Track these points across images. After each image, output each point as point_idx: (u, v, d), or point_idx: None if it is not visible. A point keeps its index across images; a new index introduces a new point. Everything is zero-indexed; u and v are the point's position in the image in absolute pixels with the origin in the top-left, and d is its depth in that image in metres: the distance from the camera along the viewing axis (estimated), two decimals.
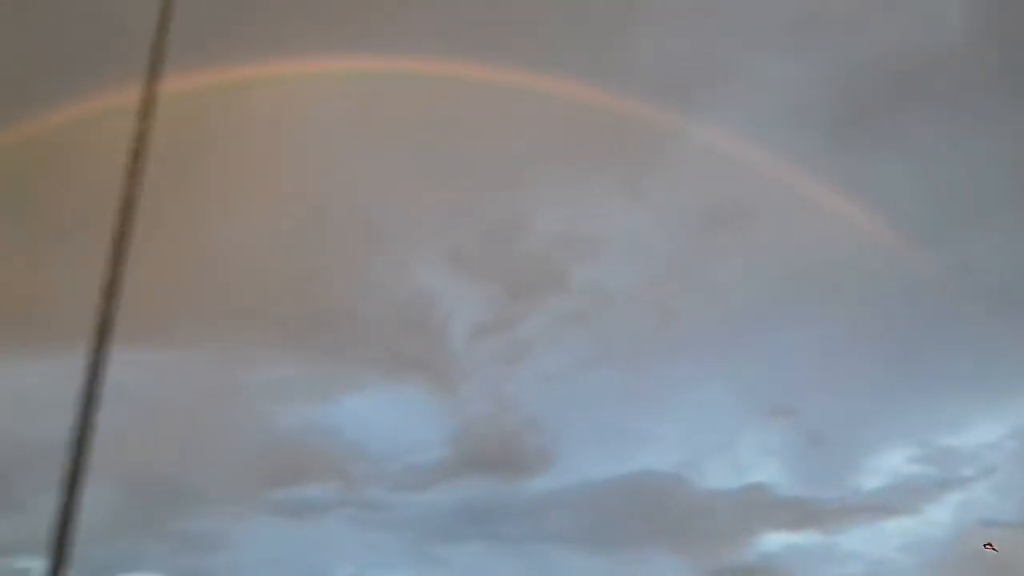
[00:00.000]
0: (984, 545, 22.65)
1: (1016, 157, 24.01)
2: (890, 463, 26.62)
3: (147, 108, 7.03)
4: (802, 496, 26.88)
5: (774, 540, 27.15)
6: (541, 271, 29.97)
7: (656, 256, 29.12)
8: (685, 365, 29.96)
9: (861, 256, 24.93)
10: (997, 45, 23.27)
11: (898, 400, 25.84)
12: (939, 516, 25.87)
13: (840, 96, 24.08)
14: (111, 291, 6.22)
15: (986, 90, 23.91)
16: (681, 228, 28.01)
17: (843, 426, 26.26)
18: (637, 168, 27.00)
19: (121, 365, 6.25)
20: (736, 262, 27.29)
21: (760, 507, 27.14)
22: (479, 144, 26.26)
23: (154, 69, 7.17)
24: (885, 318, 25.67)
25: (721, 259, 27.53)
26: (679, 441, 31.80)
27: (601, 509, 30.13)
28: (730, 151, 24.40)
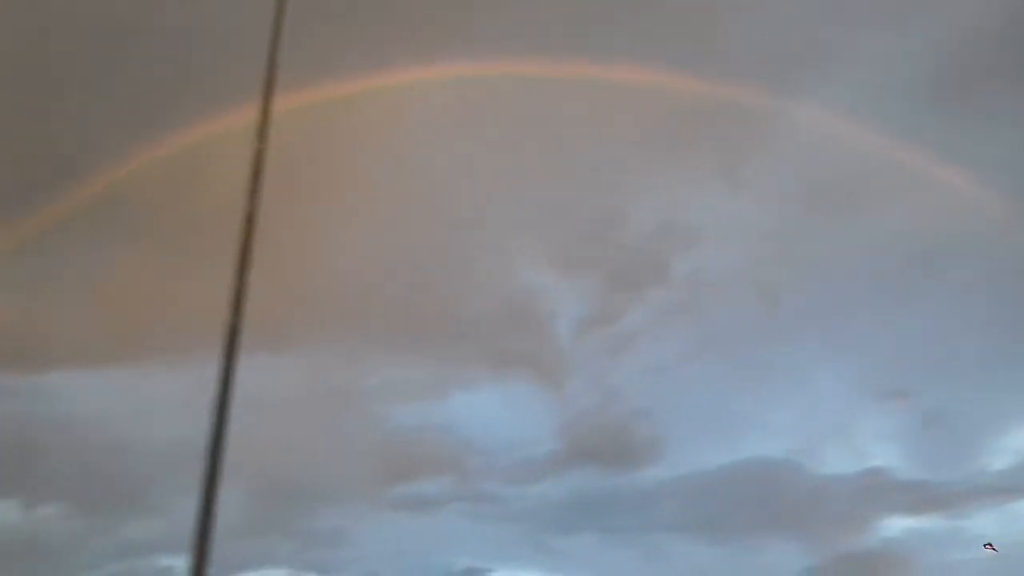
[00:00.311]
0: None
1: None
2: (1018, 443, 25.54)
3: (263, 126, 7.48)
4: (923, 479, 26.00)
5: (895, 525, 26.37)
6: (642, 263, 29.88)
7: (759, 241, 28.63)
8: (793, 350, 29.35)
9: (973, 231, 23.94)
10: None
11: (1020, 377, 24.74)
12: None
13: (946, 68, 23.17)
14: (238, 301, 6.57)
15: None
16: (784, 211, 27.46)
17: (963, 406, 25.24)
18: (736, 153, 26.62)
19: (248, 371, 6.56)
20: (842, 242, 26.59)
21: (879, 491, 26.40)
22: (576, 140, 26.41)
23: (268, 89, 7.62)
24: (1000, 292, 24.60)
25: (827, 240, 26.87)
26: (791, 427, 31.16)
27: (714, 497, 29.85)
28: (833, 129, 23.79)
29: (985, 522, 24.88)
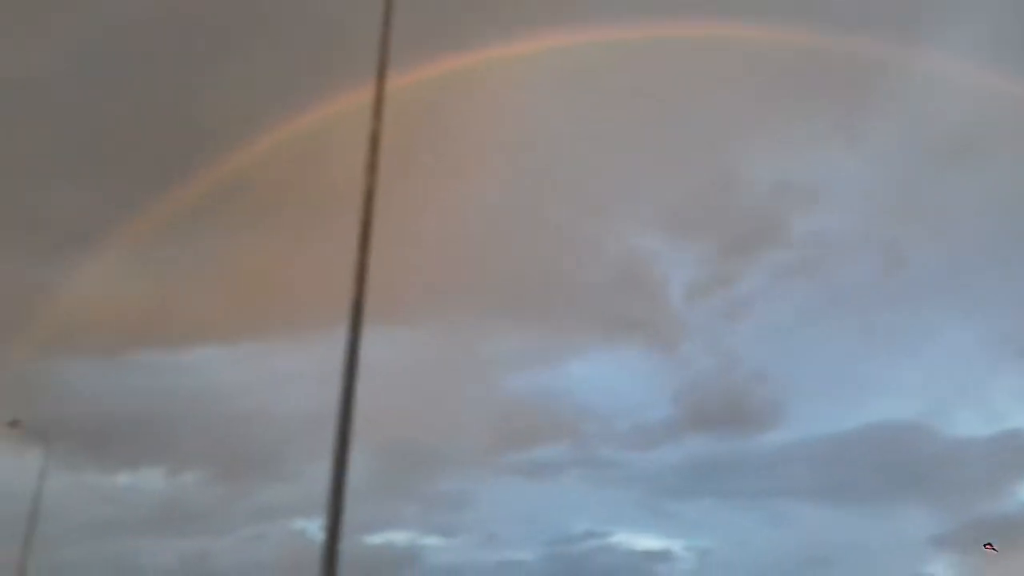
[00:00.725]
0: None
1: None
2: None
3: (379, 105, 7.65)
4: None
5: None
6: (758, 224, 29.14)
7: (880, 198, 27.50)
8: (921, 309, 28.15)
9: None
10: None
11: None
12: None
13: None
14: (361, 276, 6.74)
15: None
16: (907, 165, 26.24)
17: None
18: (854, 107, 25.56)
19: (372, 343, 6.73)
20: (971, 195, 25.24)
21: (1016, 454, 25.20)
22: (688, 102, 25.86)
23: (381, 69, 7.80)
24: None
25: (954, 193, 25.54)
26: (920, 389, 29.96)
27: (838, 462, 29.08)
28: (957, 77, 22.50)
29: None
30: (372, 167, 7.26)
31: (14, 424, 18.75)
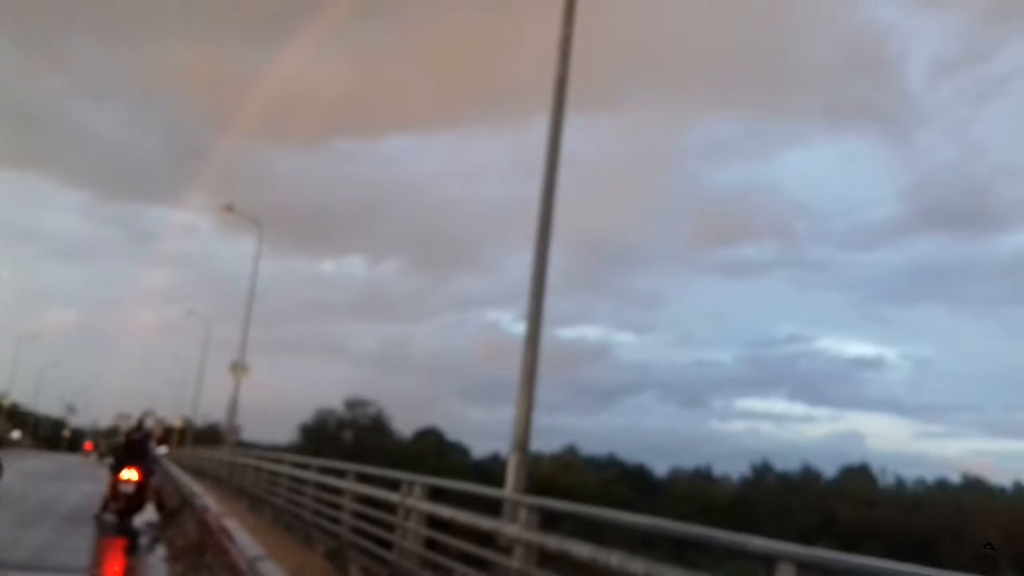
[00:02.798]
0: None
1: None
2: None
3: None
4: None
5: None
6: None
7: None
8: None
9: None
10: None
11: None
12: None
13: None
14: (565, 49, 6.08)
15: None
16: None
17: None
18: None
19: (571, 131, 6.24)
20: None
21: None
22: None
23: None
24: None
25: None
26: None
27: None
28: None
29: None
30: None
31: (228, 208, 19.77)
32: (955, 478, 34.77)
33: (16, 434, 42.92)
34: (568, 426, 59.16)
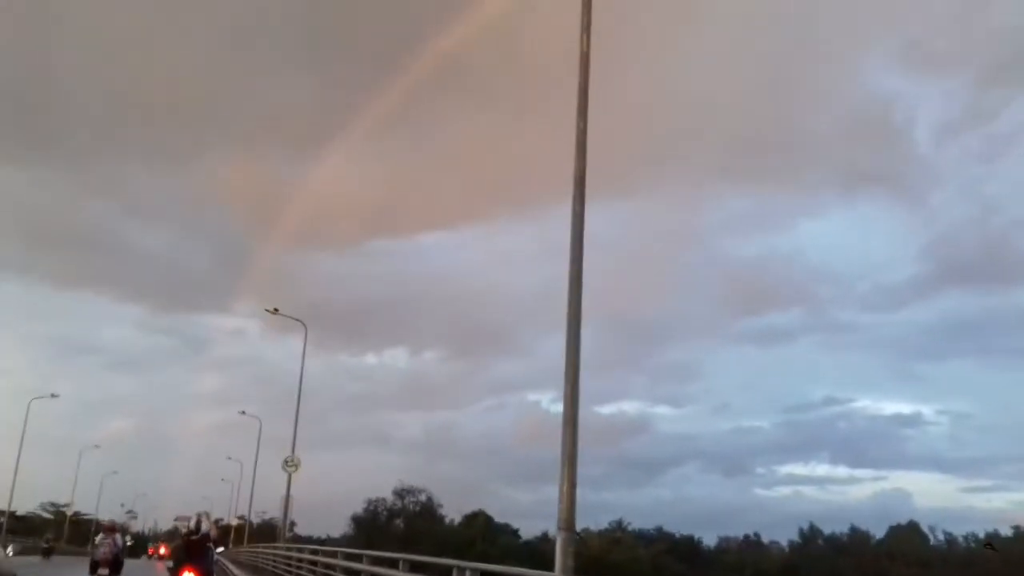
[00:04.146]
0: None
1: None
2: None
3: None
4: None
5: None
6: (1020, 47, 25.22)
7: None
8: None
9: None
10: None
11: None
12: None
13: None
14: (582, 144, 6.39)
15: None
16: None
17: None
18: None
19: (595, 216, 6.59)
20: None
21: None
22: None
23: None
24: None
25: None
26: None
27: None
28: None
29: None
30: (586, 28, 6.82)
31: (275, 311, 20.52)
32: (1006, 531, 33.81)
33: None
34: (614, 502, 58.72)
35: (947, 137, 53.93)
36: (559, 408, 5.77)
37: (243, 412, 32.91)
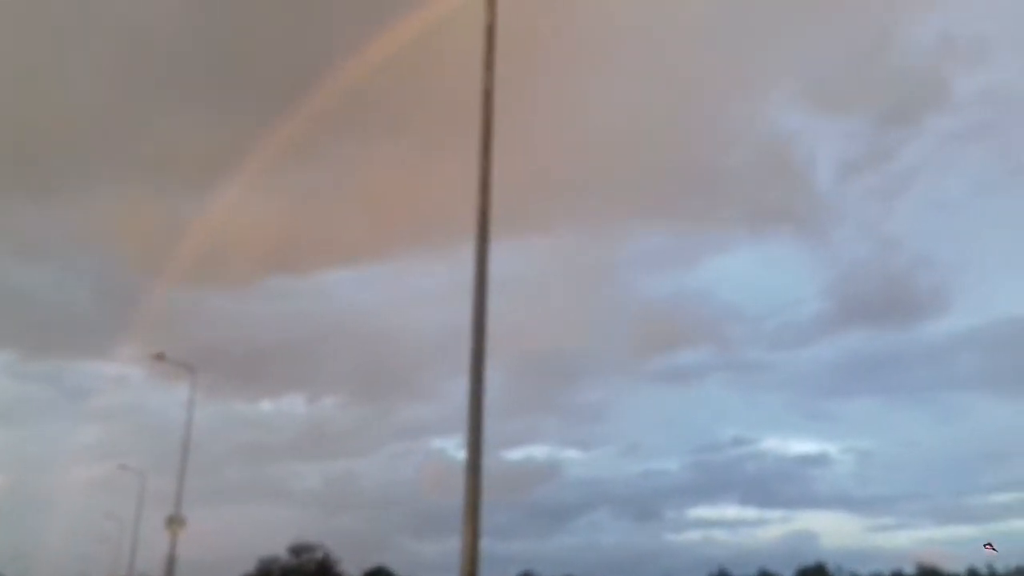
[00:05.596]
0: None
1: None
2: None
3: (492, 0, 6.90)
4: None
5: None
6: (917, 88, 26.35)
7: None
8: None
9: None
10: None
11: None
12: None
13: None
14: (485, 182, 6.27)
15: None
16: None
17: None
18: None
19: (502, 253, 6.40)
20: None
21: None
22: None
23: None
24: None
25: None
26: None
27: (1014, 348, 26.90)
28: None
29: None
30: (489, 64, 6.67)
31: (160, 356, 19.44)
32: (909, 570, 34.71)
33: None
34: (522, 551, 58.02)
35: (848, 176, 56.17)
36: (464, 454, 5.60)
37: (124, 466, 31.26)
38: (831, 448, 72.46)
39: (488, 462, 5.47)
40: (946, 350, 30.66)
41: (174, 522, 17.19)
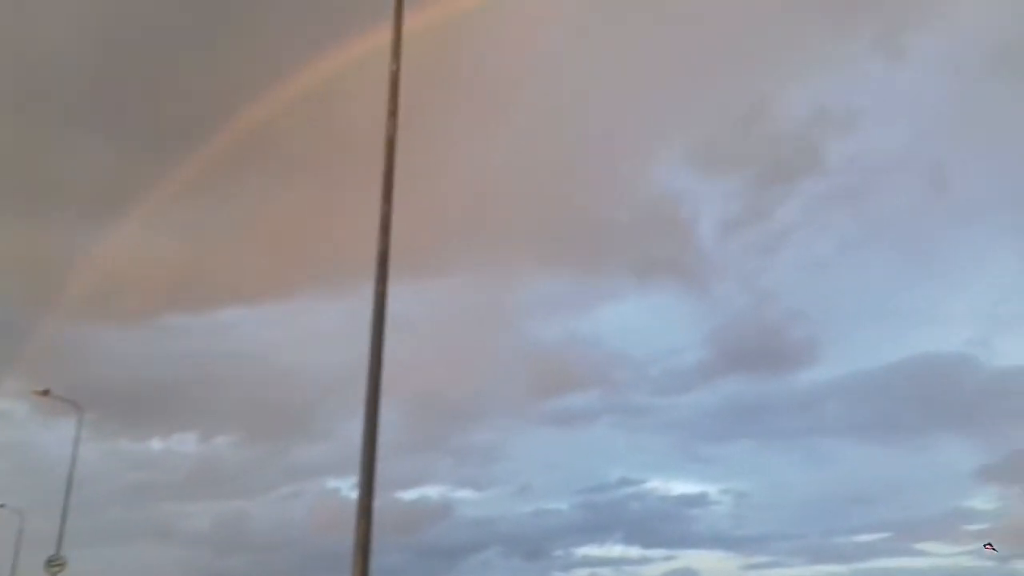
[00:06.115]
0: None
1: None
2: None
3: (396, 47, 7.12)
4: None
5: None
6: (793, 153, 28.02)
7: (925, 117, 26.35)
8: (967, 235, 27.14)
9: None
10: None
11: None
12: None
13: None
14: (385, 226, 6.45)
15: None
16: (954, 81, 24.98)
17: None
18: (897, 20, 24.35)
19: (400, 295, 6.58)
20: (1020, 113, 24.11)
21: None
22: (716, 27, 24.79)
23: (399, 8, 7.25)
24: None
25: (1006, 110, 24.31)
26: (967, 318, 28.94)
27: (878, 397, 28.42)
28: None
29: None
30: (393, 112, 6.92)
31: (44, 393, 18.69)
32: None
33: None
34: None
35: (729, 232, 58.66)
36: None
37: (1, 505, 29.53)
38: (710, 489, 74.37)
39: (382, 502, 5.55)
40: (816, 398, 32.21)
41: (54, 564, 16.50)
